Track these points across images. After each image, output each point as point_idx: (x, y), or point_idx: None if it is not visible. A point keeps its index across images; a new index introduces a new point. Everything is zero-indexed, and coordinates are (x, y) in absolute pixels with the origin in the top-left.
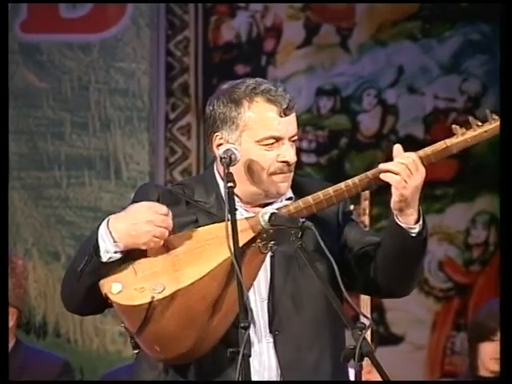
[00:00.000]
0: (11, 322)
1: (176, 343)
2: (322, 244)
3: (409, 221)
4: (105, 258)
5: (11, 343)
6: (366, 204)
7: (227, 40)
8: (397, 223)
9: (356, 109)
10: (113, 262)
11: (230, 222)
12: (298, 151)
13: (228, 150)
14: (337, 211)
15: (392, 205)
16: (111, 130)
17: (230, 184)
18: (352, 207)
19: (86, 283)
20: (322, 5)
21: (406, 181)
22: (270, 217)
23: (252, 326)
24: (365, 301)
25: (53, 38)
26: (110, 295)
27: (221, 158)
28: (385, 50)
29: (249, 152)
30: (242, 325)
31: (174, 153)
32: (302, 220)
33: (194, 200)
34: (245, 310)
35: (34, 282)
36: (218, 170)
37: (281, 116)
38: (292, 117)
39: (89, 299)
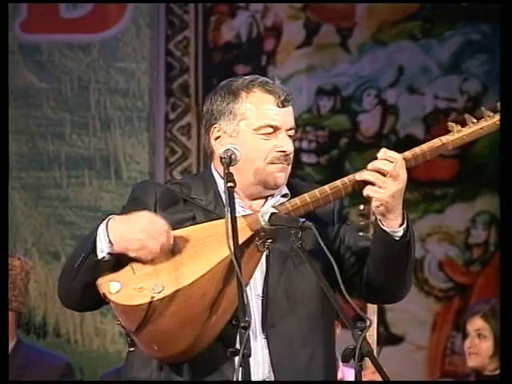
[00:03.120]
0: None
1: (174, 342)
2: (322, 244)
3: (392, 225)
4: (100, 256)
5: (12, 343)
6: None
7: (227, 40)
8: (380, 227)
9: (356, 109)
10: (109, 260)
11: (230, 223)
12: (298, 151)
13: (228, 149)
14: (332, 211)
15: (373, 209)
16: (111, 130)
17: (230, 184)
18: (362, 207)
19: (82, 280)
20: (322, 5)
21: (381, 187)
22: (270, 217)
23: None
24: None
25: (53, 38)
26: (108, 295)
27: (221, 158)
28: (385, 49)
29: (247, 141)
30: (242, 325)
31: (174, 153)
32: (302, 220)
33: (190, 197)
34: (244, 311)
35: (33, 282)
36: (216, 168)
37: (278, 106)
38: (289, 109)
39: (85, 296)
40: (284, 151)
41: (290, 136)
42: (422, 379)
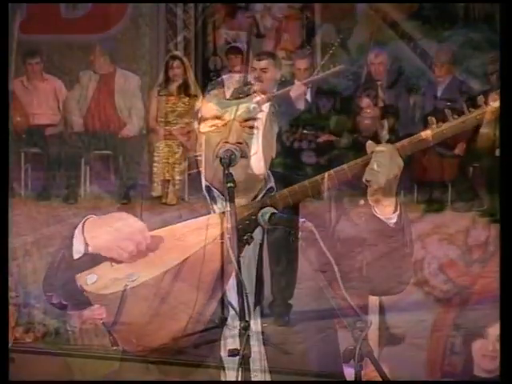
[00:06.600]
0: None
1: (153, 334)
2: (322, 244)
3: (385, 211)
4: (76, 256)
5: (10, 343)
6: None
7: (227, 40)
8: (374, 215)
9: (356, 109)
10: (86, 259)
11: (230, 222)
12: (298, 151)
13: (228, 150)
14: (329, 200)
15: (368, 196)
16: (111, 129)
17: (229, 184)
18: (362, 202)
19: (62, 278)
20: (322, 5)
21: (379, 172)
22: (270, 217)
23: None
24: (373, 301)
25: (53, 38)
26: (84, 286)
27: (220, 159)
28: (385, 50)
29: (201, 137)
30: (241, 325)
31: (174, 153)
32: (302, 220)
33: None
34: (244, 311)
35: (33, 282)
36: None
37: (225, 98)
38: (240, 101)
39: (67, 293)
40: (227, 142)
41: (250, 127)
42: (422, 379)
